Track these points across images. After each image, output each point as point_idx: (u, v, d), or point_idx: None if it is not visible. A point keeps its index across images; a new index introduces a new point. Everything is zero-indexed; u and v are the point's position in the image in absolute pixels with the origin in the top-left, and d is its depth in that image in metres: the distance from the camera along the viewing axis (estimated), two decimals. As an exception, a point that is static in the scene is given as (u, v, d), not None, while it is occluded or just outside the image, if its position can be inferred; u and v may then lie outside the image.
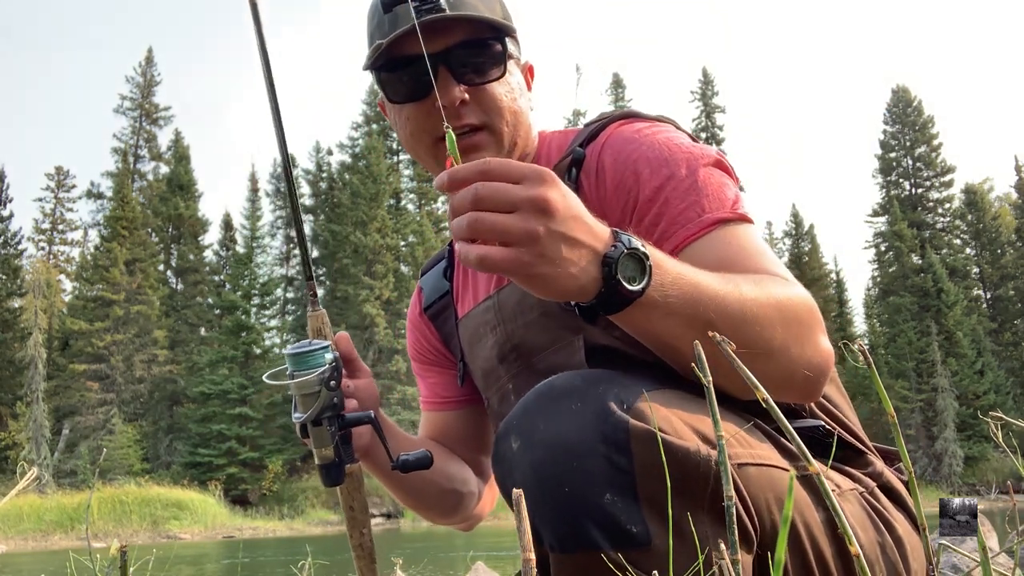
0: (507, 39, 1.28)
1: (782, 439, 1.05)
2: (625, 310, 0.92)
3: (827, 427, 1.17)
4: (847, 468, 1.17)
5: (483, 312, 1.37)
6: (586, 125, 1.34)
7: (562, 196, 0.88)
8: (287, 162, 1.25)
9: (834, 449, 1.13)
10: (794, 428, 1.10)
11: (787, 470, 1.00)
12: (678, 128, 1.29)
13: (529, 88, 1.38)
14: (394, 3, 1.23)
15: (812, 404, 1.20)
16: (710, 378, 0.74)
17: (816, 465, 0.70)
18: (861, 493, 1.13)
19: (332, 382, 1.16)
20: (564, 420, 0.90)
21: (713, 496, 0.90)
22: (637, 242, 0.91)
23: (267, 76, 1.22)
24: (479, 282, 1.42)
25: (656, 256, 0.93)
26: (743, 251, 1.12)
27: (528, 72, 1.39)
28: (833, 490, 1.06)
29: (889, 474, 1.21)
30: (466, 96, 1.24)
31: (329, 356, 1.17)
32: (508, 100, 1.28)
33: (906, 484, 1.21)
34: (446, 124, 0.93)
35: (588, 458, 0.87)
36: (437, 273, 1.55)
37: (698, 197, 1.15)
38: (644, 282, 0.91)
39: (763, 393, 0.71)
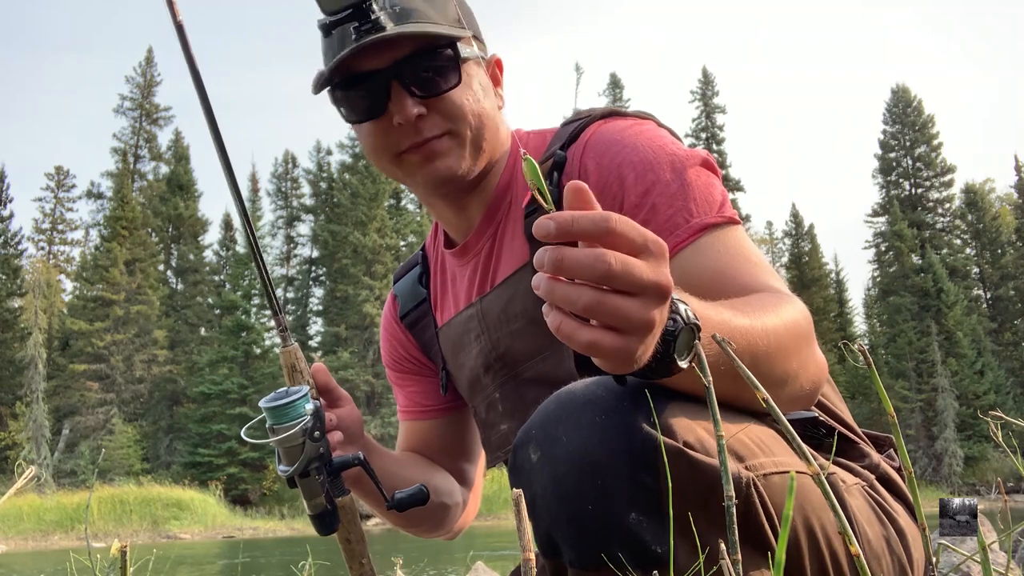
0: (459, 43, 1.23)
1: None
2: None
3: (820, 419, 1.16)
4: (846, 461, 1.16)
5: (466, 320, 1.35)
6: (564, 124, 1.31)
7: None
8: (245, 213, 1.22)
9: (835, 446, 1.12)
10: (790, 420, 1.09)
11: (806, 474, 0.99)
12: (660, 125, 1.26)
13: (498, 84, 1.34)
14: (332, 26, 1.19)
15: None
16: (710, 378, 0.73)
17: (825, 464, 0.68)
18: (863, 487, 1.13)
19: (316, 432, 1.12)
20: (587, 433, 0.85)
21: (744, 518, 0.87)
22: (689, 310, 0.81)
23: (203, 102, 1.18)
24: (459, 289, 1.40)
25: (702, 317, 0.83)
26: (734, 259, 1.10)
27: (495, 66, 1.34)
28: (843, 487, 1.06)
29: (885, 465, 1.20)
30: (423, 110, 1.21)
31: (310, 406, 1.12)
32: (471, 103, 1.24)
33: (899, 472, 1.20)
34: (523, 152, 0.82)
35: (613, 475, 0.84)
36: (412, 280, 1.52)
37: (685, 202, 1.12)
38: (690, 356, 0.81)
39: (763, 393, 0.70)
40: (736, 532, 0.68)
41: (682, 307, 0.80)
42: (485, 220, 1.33)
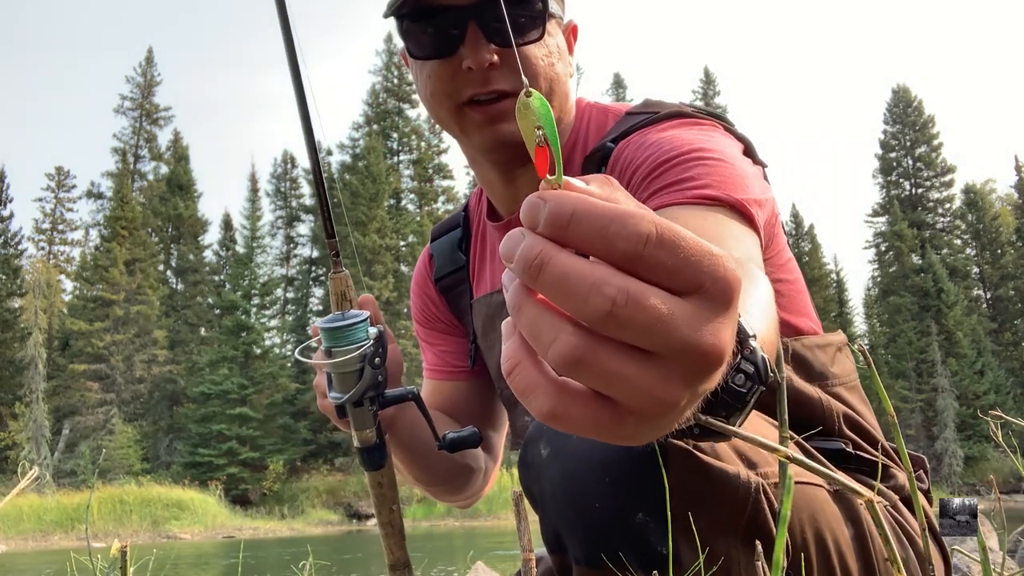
0: None
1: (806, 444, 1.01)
2: None
3: (851, 447, 1.12)
4: (871, 481, 1.14)
5: (501, 304, 1.30)
6: (629, 113, 1.21)
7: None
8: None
9: (879, 476, 1.07)
10: (819, 449, 1.05)
11: (820, 486, 0.97)
12: (728, 131, 1.13)
13: (571, 51, 1.24)
14: None
15: (839, 414, 1.14)
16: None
17: (868, 493, 0.59)
18: (886, 507, 1.11)
19: (376, 359, 1.05)
20: None
21: (749, 523, 0.86)
22: (758, 345, 0.54)
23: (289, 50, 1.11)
24: (498, 265, 1.34)
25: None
26: (721, 239, 0.86)
27: (571, 32, 1.25)
28: (859, 504, 1.04)
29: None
30: (496, 58, 1.11)
31: (373, 330, 1.06)
32: (545, 65, 1.15)
33: (927, 494, 1.18)
34: (526, 82, 0.53)
35: (620, 474, 0.83)
36: (451, 243, 1.45)
37: (704, 170, 0.95)
38: (745, 414, 0.55)
39: (786, 432, 0.64)
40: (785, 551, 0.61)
41: (752, 341, 0.51)
42: None
